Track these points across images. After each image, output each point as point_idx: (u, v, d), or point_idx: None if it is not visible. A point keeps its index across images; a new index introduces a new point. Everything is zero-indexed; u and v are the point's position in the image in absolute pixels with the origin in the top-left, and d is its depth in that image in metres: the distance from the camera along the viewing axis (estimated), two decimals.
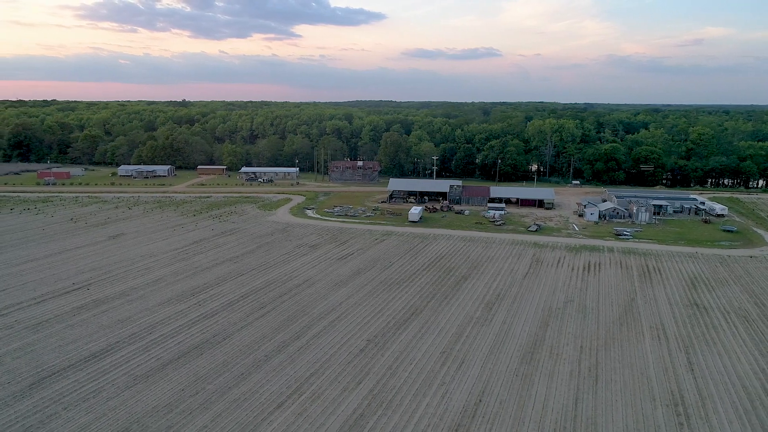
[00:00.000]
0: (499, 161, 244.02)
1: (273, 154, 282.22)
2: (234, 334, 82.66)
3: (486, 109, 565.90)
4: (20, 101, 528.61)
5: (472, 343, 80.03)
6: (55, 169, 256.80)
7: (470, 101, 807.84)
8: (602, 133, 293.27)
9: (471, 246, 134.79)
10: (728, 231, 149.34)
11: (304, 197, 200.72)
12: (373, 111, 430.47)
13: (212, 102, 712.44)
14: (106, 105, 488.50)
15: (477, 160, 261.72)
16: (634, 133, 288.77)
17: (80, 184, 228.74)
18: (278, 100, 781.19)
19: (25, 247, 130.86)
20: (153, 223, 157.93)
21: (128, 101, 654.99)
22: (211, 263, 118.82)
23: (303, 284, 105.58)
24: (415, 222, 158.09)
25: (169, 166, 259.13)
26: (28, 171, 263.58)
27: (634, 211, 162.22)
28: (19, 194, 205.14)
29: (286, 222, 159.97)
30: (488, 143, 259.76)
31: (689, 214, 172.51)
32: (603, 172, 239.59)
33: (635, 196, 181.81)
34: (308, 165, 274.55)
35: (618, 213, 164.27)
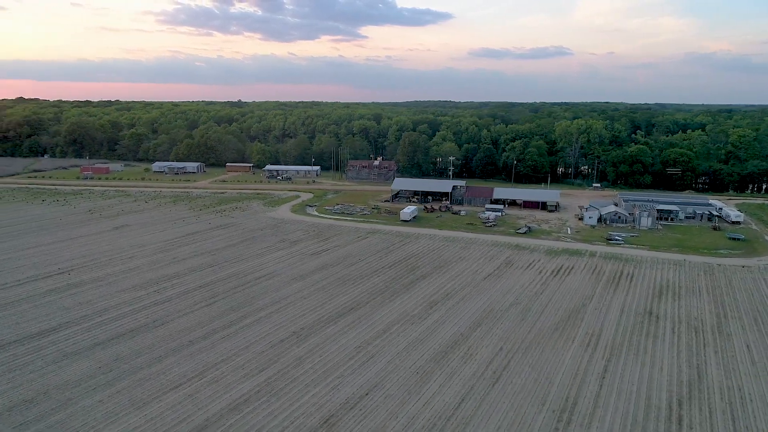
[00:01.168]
0: (515, 162, 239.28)
1: (300, 153, 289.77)
2: (174, 320, 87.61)
3: (537, 109, 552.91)
4: (87, 101, 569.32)
5: (393, 340, 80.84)
6: (97, 165, 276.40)
7: (534, 101, 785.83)
8: (635, 135, 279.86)
9: (449, 246, 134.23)
10: (735, 239, 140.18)
11: (313, 195, 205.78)
12: (407, 111, 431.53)
13: (266, 102, 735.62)
14: (160, 105, 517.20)
15: (499, 162, 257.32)
16: (671, 135, 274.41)
17: (115, 178, 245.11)
18: (343, 101, 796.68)
19: (36, 234, 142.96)
20: (159, 216, 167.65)
21: (186, 101, 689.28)
22: (191, 255, 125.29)
23: (263, 277, 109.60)
24: (407, 221, 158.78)
25: (199, 164, 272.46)
26: (75, 166, 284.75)
27: (637, 215, 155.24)
28: (57, 187, 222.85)
29: (282, 218, 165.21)
30: (510, 144, 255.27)
31: (701, 220, 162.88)
32: (628, 175, 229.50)
33: (644, 201, 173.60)
34: (334, 164, 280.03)
35: (620, 217, 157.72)
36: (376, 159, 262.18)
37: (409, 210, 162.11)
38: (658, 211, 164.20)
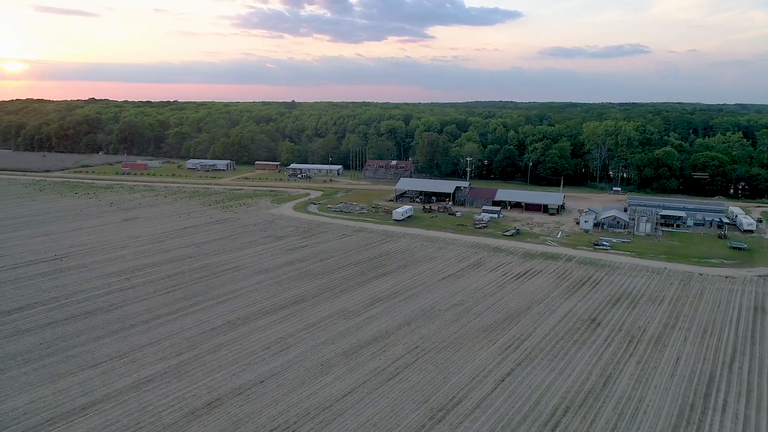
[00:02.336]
0: (531, 164, 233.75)
1: (327, 152, 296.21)
2: (128, 305, 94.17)
3: (592, 109, 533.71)
4: (147, 102, 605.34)
5: (316, 333, 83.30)
6: (138, 161, 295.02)
7: (606, 102, 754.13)
8: (668, 137, 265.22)
9: (426, 246, 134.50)
10: (736, 248, 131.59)
11: (323, 193, 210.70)
12: (439, 111, 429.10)
13: (318, 102, 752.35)
14: (212, 105, 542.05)
15: (521, 163, 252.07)
16: (709, 138, 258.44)
17: (149, 174, 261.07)
18: (409, 101, 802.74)
19: (54, 223, 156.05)
20: (170, 210, 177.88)
21: (249, 102, 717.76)
22: (177, 246, 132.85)
23: (231, 269, 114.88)
24: (399, 221, 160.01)
25: (228, 161, 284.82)
26: (119, 162, 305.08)
27: (636, 220, 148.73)
28: (95, 181, 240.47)
29: (280, 215, 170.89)
30: (533, 145, 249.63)
31: (710, 227, 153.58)
32: (653, 178, 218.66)
33: (654, 206, 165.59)
34: (355, 164, 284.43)
35: (619, 222, 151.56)
36: (404, 160, 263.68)
37: (402, 210, 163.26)
38: (665, 217, 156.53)
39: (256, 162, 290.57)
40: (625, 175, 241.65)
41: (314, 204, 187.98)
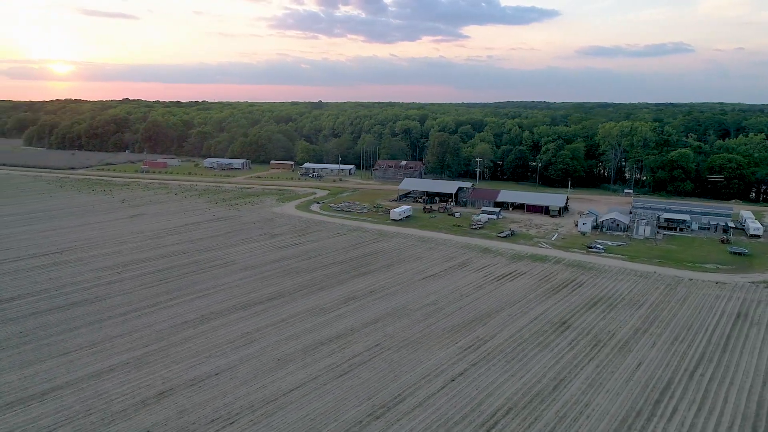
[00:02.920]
0: (540, 164, 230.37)
1: (342, 152, 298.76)
2: (111, 298, 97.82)
3: (623, 110, 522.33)
4: (177, 102, 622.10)
5: (283, 329, 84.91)
6: (159, 159, 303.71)
7: (643, 102, 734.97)
8: (687, 138, 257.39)
9: (417, 246, 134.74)
10: (737, 253, 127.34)
11: (329, 192, 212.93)
12: (455, 112, 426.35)
13: (345, 103, 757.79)
14: (237, 105, 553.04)
15: (533, 164, 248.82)
16: (728, 139, 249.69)
17: (167, 172, 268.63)
18: (441, 102, 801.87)
19: (64, 219, 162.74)
20: (176, 207, 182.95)
21: (276, 102, 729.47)
22: (174, 242, 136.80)
23: (219, 266, 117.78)
24: (397, 221, 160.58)
25: (244, 160, 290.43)
26: (141, 160, 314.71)
27: (635, 223, 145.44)
28: (114, 179, 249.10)
29: (281, 213, 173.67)
30: (545, 146, 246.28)
31: (714, 231, 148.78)
32: (667, 181, 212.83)
33: (659, 208, 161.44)
34: (366, 163, 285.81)
35: (618, 225, 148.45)
36: (416, 160, 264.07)
37: (400, 209, 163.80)
38: (668, 220, 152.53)
39: (271, 161, 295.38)
40: (640, 177, 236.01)
41: (318, 203, 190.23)
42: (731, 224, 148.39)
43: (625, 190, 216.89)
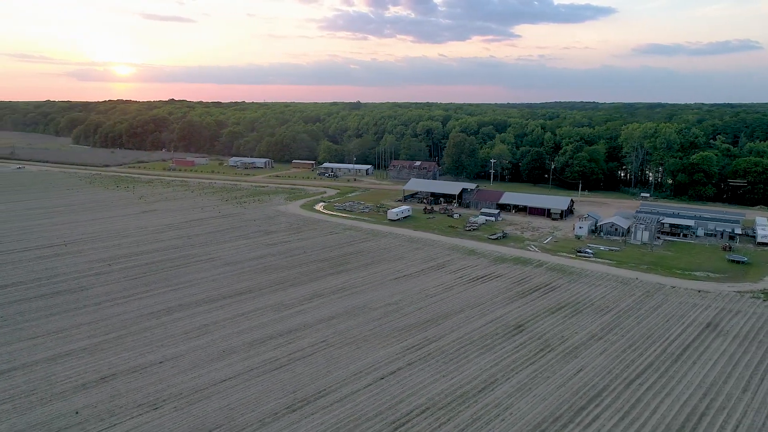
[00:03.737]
0: (553, 167, 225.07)
1: (363, 152, 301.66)
2: (93, 288, 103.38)
3: (668, 110, 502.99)
4: (217, 102, 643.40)
5: (240, 323, 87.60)
6: (188, 158, 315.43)
7: (703, 102, 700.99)
8: (714, 141, 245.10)
9: (403, 246, 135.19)
10: (735, 261, 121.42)
11: (338, 191, 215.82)
12: (492, 112, 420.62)
13: (382, 104, 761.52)
14: (273, 105, 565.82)
15: (550, 166, 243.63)
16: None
17: (192, 171, 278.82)
18: (489, 102, 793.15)
19: (81, 213, 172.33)
20: (188, 203, 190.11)
21: (314, 102, 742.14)
22: (172, 237, 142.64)
23: (205, 261, 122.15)
24: (394, 221, 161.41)
25: (267, 160, 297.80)
26: (171, 158, 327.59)
27: (633, 228, 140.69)
28: (140, 176, 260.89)
29: (284, 211, 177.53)
30: (562, 149, 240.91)
31: (721, 238, 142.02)
32: (688, 185, 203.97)
33: (668, 214, 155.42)
34: (381, 164, 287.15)
35: (617, 229, 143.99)
36: (430, 161, 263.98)
37: (398, 209, 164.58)
38: (673, 226, 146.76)
39: (293, 161, 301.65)
40: (663, 181, 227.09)
41: (324, 202, 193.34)
42: (738, 231, 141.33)
43: (642, 194, 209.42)
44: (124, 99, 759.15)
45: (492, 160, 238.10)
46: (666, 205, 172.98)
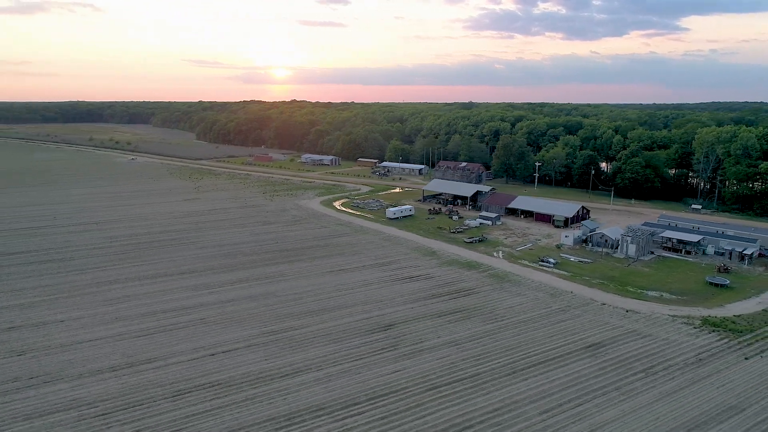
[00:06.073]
0: (594, 172, 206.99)
1: (428, 152, 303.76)
2: (79, 259, 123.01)
3: None
4: (328, 102, 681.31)
5: (154, 297, 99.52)
6: (270, 154, 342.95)
7: None
8: None
9: (372, 243, 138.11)
10: (714, 284, 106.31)
11: (372, 189, 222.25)
12: (580, 112, 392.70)
13: (494, 104, 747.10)
14: (375, 105, 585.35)
15: (607, 171, 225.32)
16: None
17: (265, 166, 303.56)
18: (646, 102, 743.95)
19: (136, 198, 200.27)
20: (228, 195, 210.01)
21: (452, 102, 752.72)
22: (185, 224, 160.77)
23: (186, 244, 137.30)
24: (391, 219, 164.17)
25: (333, 157, 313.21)
26: (252, 155, 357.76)
27: (620, 241, 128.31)
28: (215, 168, 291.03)
29: (301, 206, 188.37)
30: (620, 153, 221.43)
31: (729, 258, 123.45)
32: (752, 197, 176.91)
33: (682, 228, 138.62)
34: (432, 163, 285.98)
35: (606, 241, 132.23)
36: (461, 161, 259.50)
37: (396, 209, 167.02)
38: (680, 241, 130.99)
39: (358, 159, 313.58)
40: (718, 191, 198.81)
41: (348, 198, 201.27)
42: (751, 251, 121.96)
43: (693, 206, 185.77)
44: (256, 99, 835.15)
45: (537, 164, 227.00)
46: (691, 219, 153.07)
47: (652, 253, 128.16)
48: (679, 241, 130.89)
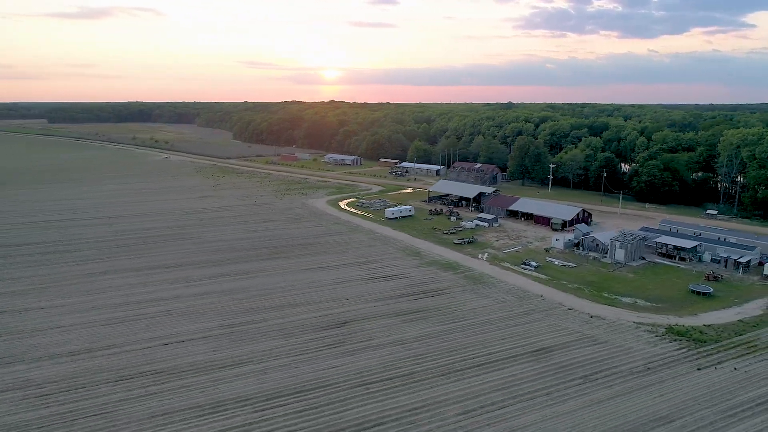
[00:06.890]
0: (606, 175, 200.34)
1: (448, 152, 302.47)
2: (81, 251, 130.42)
3: None
4: (365, 103, 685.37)
5: (134, 289, 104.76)
6: (296, 153, 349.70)
7: None
8: None
9: (361, 242, 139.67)
10: (696, 292, 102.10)
11: (382, 189, 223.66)
12: (621, 115, 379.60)
13: (533, 104, 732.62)
14: (407, 106, 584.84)
15: (624, 174, 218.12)
16: None
17: (289, 165, 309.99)
18: (704, 102, 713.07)
19: (157, 195, 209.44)
20: (243, 193, 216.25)
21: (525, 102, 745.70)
22: (191, 219, 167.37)
23: (184, 239, 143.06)
24: (390, 219, 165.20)
25: (355, 157, 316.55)
26: (284, 154, 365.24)
27: (609, 245, 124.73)
28: (239, 167, 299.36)
29: (307, 204, 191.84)
30: (639, 155, 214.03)
31: (725, 266, 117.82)
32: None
33: (681, 233, 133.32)
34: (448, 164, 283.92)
35: (598, 245, 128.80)
36: (475, 162, 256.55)
37: (395, 209, 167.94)
38: (676, 247, 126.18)
39: (380, 159, 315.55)
40: (738, 196, 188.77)
41: (355, 198, 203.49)
42: (747, 259, 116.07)
43: (708, 211, 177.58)
44: (298, 100, 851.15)
45: (552, 165, 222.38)
46: (695, 224, 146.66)
47: (643, 258, 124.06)
48: (675, 247, 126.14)
